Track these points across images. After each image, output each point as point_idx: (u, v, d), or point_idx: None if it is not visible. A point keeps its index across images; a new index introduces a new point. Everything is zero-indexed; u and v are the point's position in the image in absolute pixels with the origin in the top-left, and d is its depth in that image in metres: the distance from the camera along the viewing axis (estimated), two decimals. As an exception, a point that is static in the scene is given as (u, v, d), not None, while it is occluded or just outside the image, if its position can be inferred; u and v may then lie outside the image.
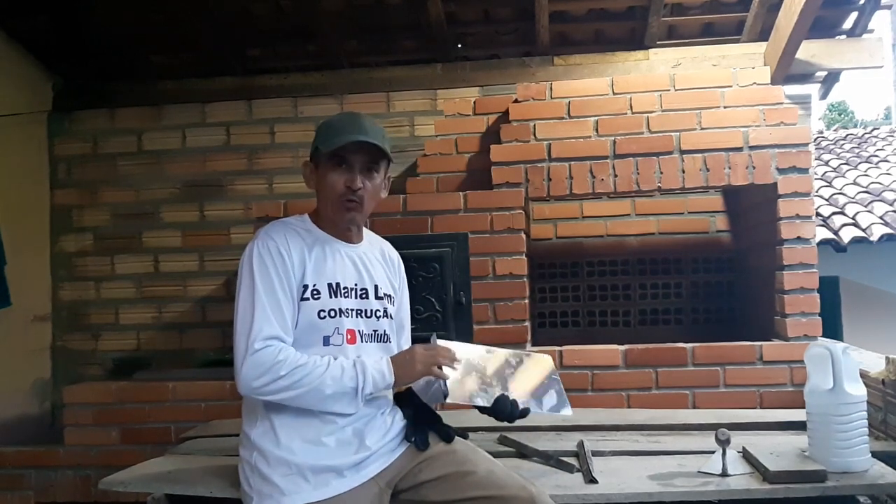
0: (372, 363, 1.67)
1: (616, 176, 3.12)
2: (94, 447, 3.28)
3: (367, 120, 1.75)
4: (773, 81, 3.40)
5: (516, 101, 3.32)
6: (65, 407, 3.34)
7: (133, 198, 4.28)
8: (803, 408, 2.16)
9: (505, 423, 1.77)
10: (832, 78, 4.10)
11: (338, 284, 1.72)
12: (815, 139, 8.99)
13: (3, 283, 3.69)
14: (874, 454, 2.09)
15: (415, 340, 1.99)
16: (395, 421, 1.78)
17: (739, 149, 3.06)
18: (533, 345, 3.14)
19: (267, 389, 1.60)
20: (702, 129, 3.11)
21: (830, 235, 5.79)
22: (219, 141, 4.27)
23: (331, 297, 1.70)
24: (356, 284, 1.76)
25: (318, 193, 1.79)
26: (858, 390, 2.06)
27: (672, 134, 3.12)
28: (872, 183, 6.96)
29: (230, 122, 4.27)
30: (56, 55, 4.22)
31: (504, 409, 1.75)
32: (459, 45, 4.18)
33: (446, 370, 1.72)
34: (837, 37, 3.93)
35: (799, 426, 2.39)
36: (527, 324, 3.10)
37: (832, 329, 5.03)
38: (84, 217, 4.31)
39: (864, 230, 5.81)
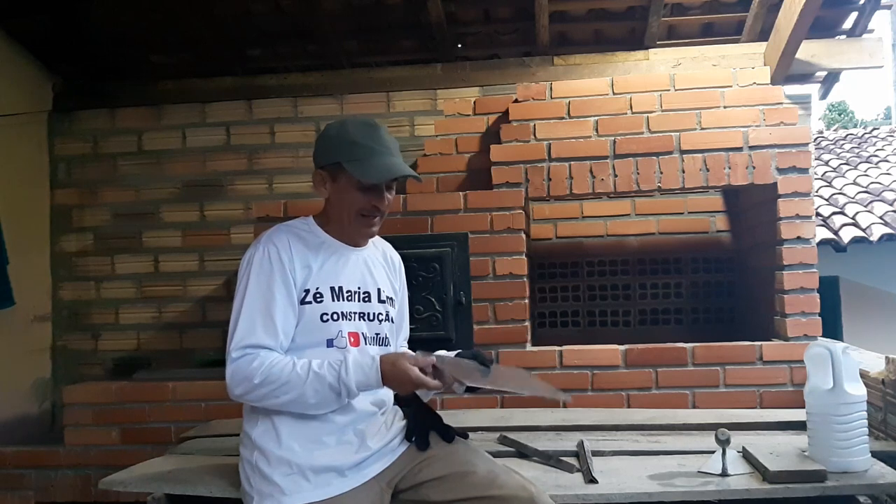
0: (355, 377, 1.59)
1: (616, 176, 3.12)
2: (94, 447, 3.28)
3: (386, 134, 1.73)
4: (773, 81, 3.40)
5: (516, 101, 3.32)
6: (65, 407, 3.34)
7: (133, 198, 4.28)
8: (803, 408, 2.16)
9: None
10: (832, 78, 4.10)
11: (340, 288, 1.72)
12: (815, 139, 8.99)
13: (6, 282, 3.69)
14: (874, 454, 2.09)
15: (415, 340, 2.00)
16: (396, 421, 1.79)
17: (739, 149, 3.06)
18: (533, 345, 3.14)
19: (249, 397, 1.63)
20: (702, 129, 3.11)
21: (830, 235, 5.80)
22: (219, 141, 4.27)
23: (333, 300, 1.70)
24: (359, 288, 1.76)
25: (333, 203, 1.76)
26: (858, 390, 2.06)
27: (672, 134, 3.12)
28: (872, 183, 6.96)
29: (230, 122, 4.27)
30: (56, 55, 4.22)
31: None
32: (459, 45, 4.18)
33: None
34: (837, 37, 3.93)
35: (799, 426, 2.39)
36: (527, 324, 3.10)
37: (832, 329, 5.04)
38: (84, 217, 4.31)
39: (864, 230, 5.82)
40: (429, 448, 1.74)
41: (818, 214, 5.99)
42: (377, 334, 1.78)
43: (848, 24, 3.90)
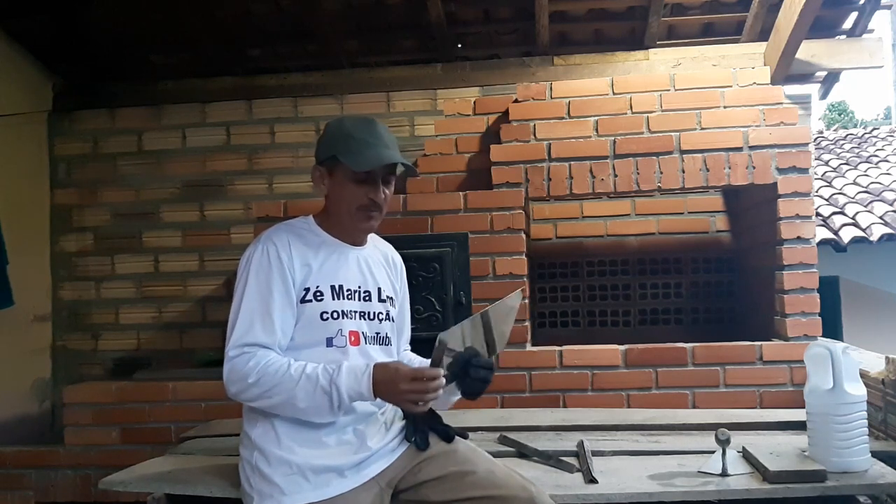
0: (346, 381, 1.57)
1: (616, 176, 3.12)
2: (94, 447, 3.28)
3: (383, 130, 1.73)
4: (773, 81, 3.40)
5: (516, 101, 3.32)
6: (65, 407, 3.34)
7: (133, 198, 4.28)
8: (803, 408, 2.16)
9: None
10: (832, 78, 4.10)
11: (341, 287, 1.72)
12: (815, 139, 8.99)
13: (6, 282, 3.69)
14: (874, 454, 2.09)
15: (415, 340, 2.00)
16: (396, 421, 1.78)
17: (739, 149, 3.06)
18: (533, 345, 3.14)
19: (244, 396, 1.62)
20: (702, 129, 3.11)
21: (830, 235, 5.79)
22: (219, 141, 4.27)
23: (333, 298, 1.70)
24: (360, 287, 1.76)
25: (331, 199, 1.77)
26: (858, 390, 2.06)
27: (672, 134, 3.12)
28: (872, 183, 6.96)
29: (230, 122, 4.27)
30: (56, 55, 4.22)
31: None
32: (459, 45, 4.18)
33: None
34: (837, 37, 3.93)
35: (799, 426, 2.39)
36: (527, 324, 3.10)
37: (832, 329, 5.04)
38: (84, 217, 4.31)
39: (864, 230, 5.81)
40: (429, 448, 1.74)
41: (818, 214, 5.99)
42: (377, 333, 1.77)
43: (848, 24, 3.90)
